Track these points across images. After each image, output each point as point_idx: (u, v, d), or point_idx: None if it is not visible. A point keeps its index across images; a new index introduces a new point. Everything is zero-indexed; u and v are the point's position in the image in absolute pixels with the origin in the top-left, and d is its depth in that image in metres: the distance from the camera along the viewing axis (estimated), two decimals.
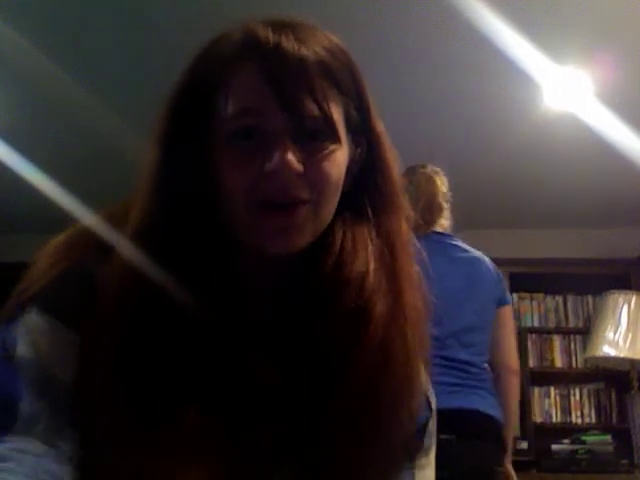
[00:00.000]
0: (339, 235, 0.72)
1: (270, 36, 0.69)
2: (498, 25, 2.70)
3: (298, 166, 0.67)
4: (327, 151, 0.70)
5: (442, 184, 2.50)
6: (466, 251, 2.46)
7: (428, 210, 2.41)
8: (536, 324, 4.77)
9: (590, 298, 4.77)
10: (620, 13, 2.83)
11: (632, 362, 4.08)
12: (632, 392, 4.15)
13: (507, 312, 2.41)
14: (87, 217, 0.80)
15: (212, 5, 2.75)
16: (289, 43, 0.68)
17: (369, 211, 0.74)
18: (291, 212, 0.68)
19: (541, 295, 4.82)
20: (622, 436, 4.35)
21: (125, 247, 0.70)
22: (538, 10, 2.77)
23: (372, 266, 0.71)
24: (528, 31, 2.77)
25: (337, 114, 0.70)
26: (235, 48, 0.71)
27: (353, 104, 0.73)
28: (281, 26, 0.70)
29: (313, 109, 0.67)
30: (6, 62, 3.04)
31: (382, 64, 3.16)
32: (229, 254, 0.71)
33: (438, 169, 2.56)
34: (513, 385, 2.37)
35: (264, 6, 2.70)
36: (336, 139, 0.70)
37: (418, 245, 0.78)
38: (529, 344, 4.65)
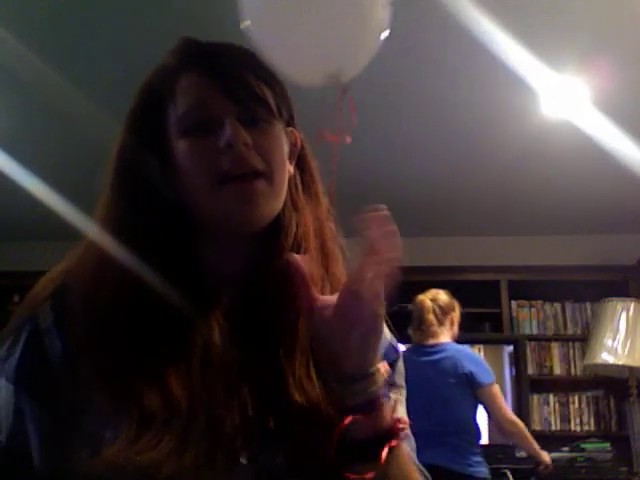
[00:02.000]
0: (291, 219, 0.82)
1: (203, 45, 0.83)
2: (496, 33, 2.71)
3: (248, 137, 0.77)
4: (267, 130, 0.80)
5: (434, 304, 3.21)
6: (438, 352, 3.14)
7: (418, 329, 3.21)
8: (535, 331, 4.77)
9: (588, 305, 4.77)
10: (617, 21, 2.84)
11: (631, 369, 4.08)
12: (631, 399, 4.15)
13: (486, 393, 3.12)
14: (88, 225, 0.85)
15: (212, 15, 2.76)
16: (219, 47, 0.82)
17: (303, 202, 0.85)
18: (251, 181, 0.76)
19: (539, 302, 4.82)
20: (621, 443, 4.35)
21: (93, 236, 0.79)
22: (535, 18, 2.79)
23: (313, 245, 0.83)
24: (525, 39, 2.78)
25: (270, 99, 0.81)
26: (176, 60, 0.83)
27: (281, 100, 0.84)
28: (212, 41, 0.84)
29: (247, 92, 0.79)
30: (6, 70, 3.04)
31: (376, 71, 3.17)
32: (190, 239, 0.80)
33: (438, 291, 3.29)
34: (514, 437, 3.37)
35: None
36: (272, 119, 0.81)
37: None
38: (528, 352, 4.65)
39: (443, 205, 4.50)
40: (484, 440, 4.21)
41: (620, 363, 4.03)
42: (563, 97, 3.31)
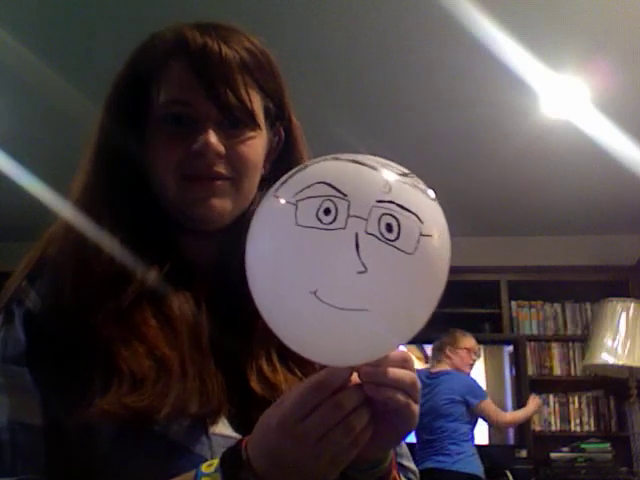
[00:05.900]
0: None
1: (197, 37, 0.80)
2: (495, 33, 2.71)
3: (219, 147, 0.78)
4: (246, 137, 0.81)
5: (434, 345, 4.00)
6: (437, 378, 3.80)
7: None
8: (535, 332, 4.77)
9: (588, 305, 4.77)
10: (617, 21, 2.84)
11: (631, 369, 4.08)
12: (631, 400, 4.15)
13: (479, 408, 3.74)
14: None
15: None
16: (213, 43, 0.79)
17: None
18: (210, 183, 0.79)
19: (539, 303, 4.82)
20: (621, 444, 4.35)
21: (67, 213, 0.82)
22: (535, 18, 2.79)
23: None
24: (525, 39, 2.78)
25: (256, 105, 0.81)
26: (166, 47, 0.82)
27: (271, 98, 0.84)
28: (207, 28, 0.82)
29: (233, 99, 0.78)
30: (6, 70, 3.05)
31: (377, 71, 3.17)
32: (165, 224, 0.82)
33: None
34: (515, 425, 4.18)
35: (264, 4, 2.72)
36: (254, 126, 0.81)
37: None
38: (528, 352, 4.65)
39: (442, 205, 4.47)
40: (484, 440, 4.22)
41: (620, 363, 4.03)
42: (563, 97, 3.31)
